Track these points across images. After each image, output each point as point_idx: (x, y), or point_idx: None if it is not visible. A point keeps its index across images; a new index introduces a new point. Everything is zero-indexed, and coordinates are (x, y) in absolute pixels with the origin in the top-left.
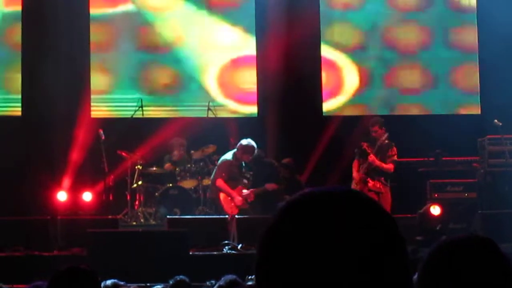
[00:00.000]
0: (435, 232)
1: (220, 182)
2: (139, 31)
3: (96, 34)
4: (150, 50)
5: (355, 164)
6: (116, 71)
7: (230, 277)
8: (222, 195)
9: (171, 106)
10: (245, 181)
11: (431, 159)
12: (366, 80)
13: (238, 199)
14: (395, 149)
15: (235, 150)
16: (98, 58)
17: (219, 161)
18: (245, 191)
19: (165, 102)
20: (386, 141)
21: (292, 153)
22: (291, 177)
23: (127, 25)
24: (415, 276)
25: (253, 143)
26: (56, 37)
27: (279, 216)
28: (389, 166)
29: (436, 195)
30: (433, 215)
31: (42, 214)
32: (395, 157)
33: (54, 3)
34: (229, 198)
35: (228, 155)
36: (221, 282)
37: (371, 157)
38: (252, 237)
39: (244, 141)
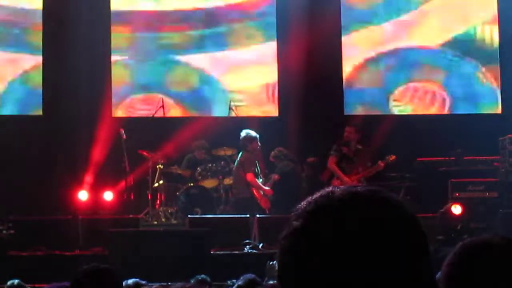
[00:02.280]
0: (456, 232)
1: (251, 176)
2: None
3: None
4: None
5: (333, 165)
6: (137, 71)
7: (249, 276)
8: (256, 192)
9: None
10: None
11: (452, 158)
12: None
13: (269, 190)
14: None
15: (242, 150)
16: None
17: (240, 160)
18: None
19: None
20: (360, 147)
21: (313, 153)
22: (314, 176)
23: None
24: (437, 275)
25: (250, 131)
26: (77, 35)
27: (304, 217)
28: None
29: (457, 195)
30: (454, 215)
31: (64, 214)
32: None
33: (75, 1)
34: (261, 192)
35: (240, 155)
36: (240, 282)
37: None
38: (273, 236)
39: (242, 133)
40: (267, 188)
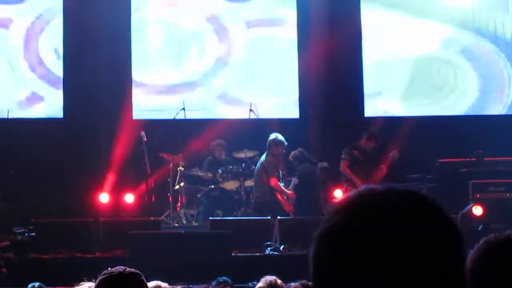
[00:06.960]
0: (477, 232)
1: (275, 182)
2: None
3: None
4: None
5: (347, 168)
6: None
7: (270, 277)
8: (280, 196)
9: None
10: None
11: (473, 159)
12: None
13: (292, 193)
14: None
15: (266, 151)
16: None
17: (262, 163)
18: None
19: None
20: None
21: (334, 155)
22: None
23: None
24: None
25: (279, 135)
26: (98, 38)
27: (350, 212)
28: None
29: (478, 195)
30: (475, 215)
31: (84, 216)
32: None
33: (96, 3)
34: (284, 196)
35: (263, 158)
36: (261, 283)
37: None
38: (294, 238)
39: (272, 135)
40: (289, 191)
